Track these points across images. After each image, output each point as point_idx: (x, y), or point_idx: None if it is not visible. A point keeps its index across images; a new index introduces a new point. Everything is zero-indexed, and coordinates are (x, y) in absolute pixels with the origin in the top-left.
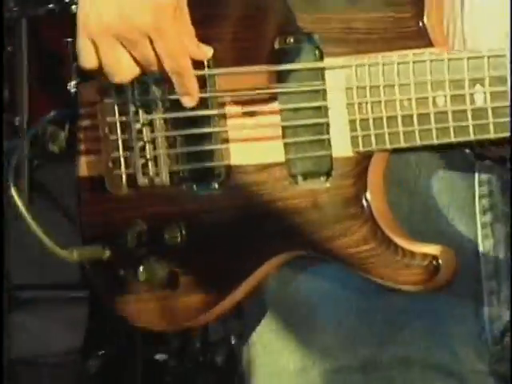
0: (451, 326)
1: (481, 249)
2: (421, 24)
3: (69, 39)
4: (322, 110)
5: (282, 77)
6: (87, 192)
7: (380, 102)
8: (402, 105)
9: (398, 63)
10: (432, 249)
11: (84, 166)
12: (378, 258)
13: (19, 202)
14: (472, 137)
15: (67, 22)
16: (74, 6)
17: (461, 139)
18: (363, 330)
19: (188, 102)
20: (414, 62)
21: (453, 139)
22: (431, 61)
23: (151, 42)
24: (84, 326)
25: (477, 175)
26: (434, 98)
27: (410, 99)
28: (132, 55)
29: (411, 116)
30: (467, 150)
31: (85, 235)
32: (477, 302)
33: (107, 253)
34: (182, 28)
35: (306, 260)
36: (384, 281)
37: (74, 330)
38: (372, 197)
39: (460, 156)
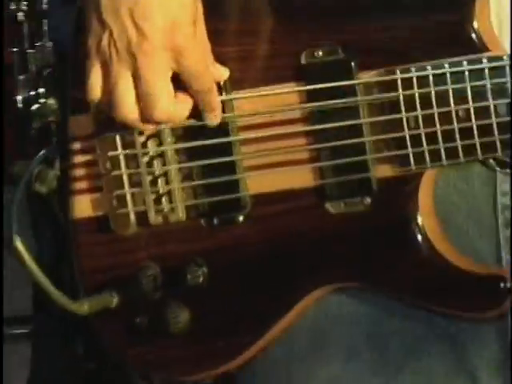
0: (473, 351)
1: (503, 266)
2: (471, 28)
3: (14, 49)
4: (362, 128)
5: (312, 94)
6: (86, 235)
7: (433, 114)
8: (459, 116)
9: (451, 72)
10: (499, 269)
11: (81, 207)
12: (437, 285)
13: (24, 254)
14: None
15: (13, 31)
16: (20, 14)
17: None
18: (376, 358)
19: (213, 117)
20: (469, 71)
21: None
22: (490, 68)
23: (175, 63)
24: (28, 366)
25: (498, 185)
26: (495, 107)
27: (467, 109)
28: (140, 90)
29: (470, 128)
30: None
31: (86, 283)
32: (500, 325)
33: (115, 300)
34: (200, 44)
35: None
36: (445, 309)
37: (20, 371)
38: (424, 218)
39: (479, 165)
